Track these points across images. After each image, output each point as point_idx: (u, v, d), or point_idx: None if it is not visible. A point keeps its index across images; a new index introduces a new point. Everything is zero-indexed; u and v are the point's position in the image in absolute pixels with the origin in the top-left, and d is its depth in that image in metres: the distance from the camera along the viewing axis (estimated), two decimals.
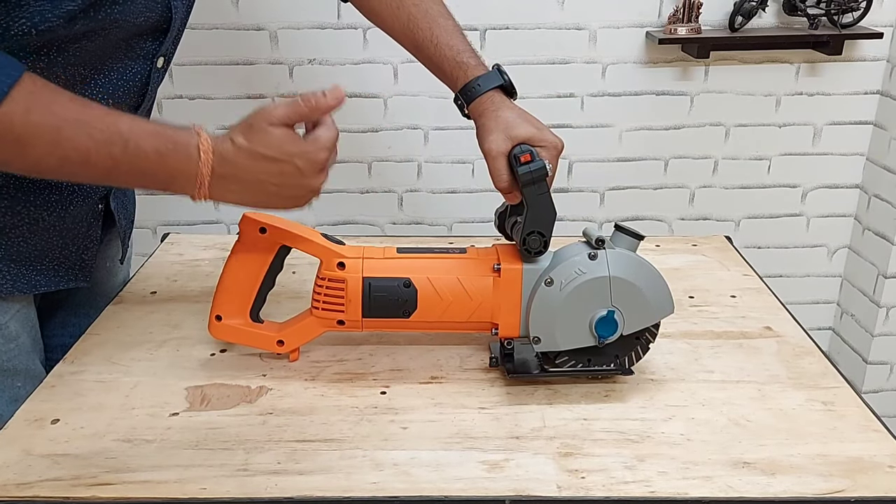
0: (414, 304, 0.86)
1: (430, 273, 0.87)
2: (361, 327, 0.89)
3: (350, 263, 0.87)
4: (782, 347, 0.99)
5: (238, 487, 0.74)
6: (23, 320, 0.98)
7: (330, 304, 0.88)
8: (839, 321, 2.05)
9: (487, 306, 0.87)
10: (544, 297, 0.84)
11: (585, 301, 0.83)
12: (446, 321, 0.88)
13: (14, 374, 0.98)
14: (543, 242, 0.84)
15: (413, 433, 0.82)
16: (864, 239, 1.92)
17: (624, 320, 0.84)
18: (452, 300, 0.86)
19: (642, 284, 0.84)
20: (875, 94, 1.83)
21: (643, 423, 0.84)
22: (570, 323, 0.84)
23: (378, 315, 0.87)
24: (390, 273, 0.87)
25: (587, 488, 0.74)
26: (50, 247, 0.96)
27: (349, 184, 1.86)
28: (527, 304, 0.85)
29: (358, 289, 0.86)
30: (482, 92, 0.91)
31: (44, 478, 0.75)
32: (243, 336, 0.92)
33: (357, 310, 0.87)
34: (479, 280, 0.86)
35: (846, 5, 1.70)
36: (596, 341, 0.84)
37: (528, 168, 0.82)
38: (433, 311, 0.87)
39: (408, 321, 0.88)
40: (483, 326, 0.89)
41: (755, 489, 0.74)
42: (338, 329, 0.90)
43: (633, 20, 1.74)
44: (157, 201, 1.83)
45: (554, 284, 0.83)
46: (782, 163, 1.89)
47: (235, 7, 1.70)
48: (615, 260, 0.83)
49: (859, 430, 0.83)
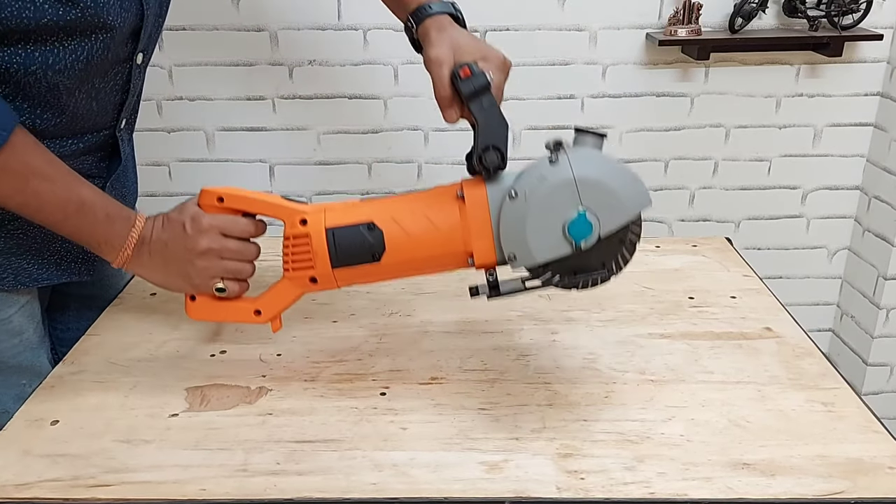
0: (381, 245, 0.83)
1: (394, 212, 0.84)
2: (335, 282, 0.86)
3: (312, 218, 0.85)
4: (782, 348, 0.99)
5: (237, 488, 0.74)
6: (28, 315, 0.98)
7: (299, 263, 0.85)
8: (839, 323, 2.05)
9: (458, 236, 0.82)
10: (510, 212, 0.78)
11: (553, 208, 0.77)
12: (420, 259, 0.84)
13: (19, 372, 0.99)
14: (501, 157, 0.79)
15: (413, 434, 0.82)
16: (865, 240, 1.92)
17: (598, 221, 0.76)
18: (420, 235, 0.83)
19: (610, 180, 0.77)
20: (875, 95, 1.83)
21: (643, 423, 0.84)
22: (541, 233, 0.77)
23: (347, 263, 0.84)
24: (353, 220, 0.84)
25: (587, 489, 0.74)
26: (50, 239, 0.97)
27: (349, 185, 1.86)
28: (497, 226, 0.80)
29: (322, 240, 0.84)
30: (433, 13, 0.90)
31: (43, 478, 0.75)
32: (220, 311, 0.90)
33: (325, 262, 0.84)
34: (444, 210, 0.82)
35: (846, 7, 1.70)
36: (573, 247, 0.77)
37: (469, 82, 0.81)
38: (403, 251, 0.84)
39: (380, 266, 0.84)
40: (459, 260, 0.84)
41: (755, 490, 0.74)
42: (313, 289, 0.87)
43: (633, 21, 1.74)
44: (157, 202, 1.83)
45: (518, 196, 0.77)
46: (782, 164, 1.89)
47: (235, 8, 1.71)
48: (577, 160, 0.77)
49: (859, 431, 0.83)
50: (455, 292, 1.12)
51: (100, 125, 0.98)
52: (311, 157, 1.84)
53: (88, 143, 0.98)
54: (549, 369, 0.94)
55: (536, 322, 1.05)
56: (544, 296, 1.11)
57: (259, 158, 1.84)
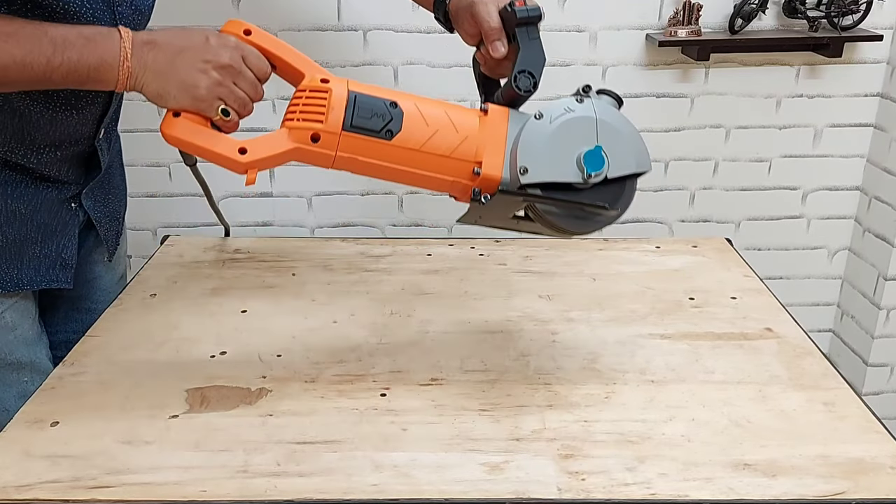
0: (399, 124, 0.83)
1: (418, 101, 0.84)
2: (336, 148, 0.82)
3: (335, 80, 0.84)
4: (783, 348, 0.98)
5: (238, 489, 0.74)
6: (21, 311, 0.99)
7: (308, 114, 0.82)
8: (839, 323, 2.05)
9: (473, 141, 0.84)
10: (533, 129, 0.83)
11: (573, 137, 0.83)
12: (429, 153, 0.83)
13: (19, 368, 0.99)
14: (533, 83, 0.85)
15: (413, 435, 0.82)
16: (865, 241, 1.92)
17: (608, 161, 0.83)
18: (438, 127, 0.83)
19: (624, 132, 0.85)
20: (875, 96, 1.83)
21: (643, 424, 0.84)
22: (558, 154, 0.82)
23: (359, 129, 0.82)
24: (378, 94, 0.84)
25: (588, 490, 0.74)
26: (28, 241, 0.97)
27: (349, 185, 1.86)
28: (512, 146, 0.84)
29: (343, 98, 0.82)
30: None
31: (43, 479, 0.75)
32: (202, 136, 0.82)
33: (338, 121, 0.81)
34: (466, 116, 0.85)
35: (846, 8, 1.70)
36: (583, 176, 0.82)
37: (525, 10, 0.86)
38: (417, 137, 0.83)
39: (389, 147, 0.82)
40: (466, 167, 0.84)
41: (756, 491, 0.74)
42: (310, 148, 0.82)
43: (633, 22, 1.74)
44: (157, 203, 1.83)
45: (544, 118, 0.83)
46: (782, 164, 1.89)
47: (235, 8, 1.70)
48: (600, 106, 0.84)
49: (860, 431, 0.83)
50: (455, 292, 1.12)
51: (79, 136, 0.99)
52: None
53: (67, 153, 0.99)
54: (549, 369, 0.94)
55: (536, 322, 1.05)
56: (544, 296, 1.11)
57: None
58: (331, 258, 1.23)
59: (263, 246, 1.27)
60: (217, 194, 1.32)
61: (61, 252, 1.01)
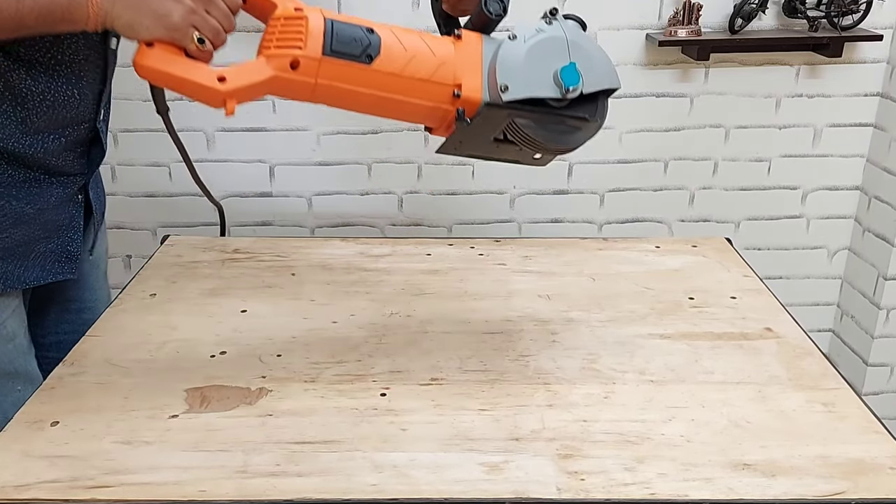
0: (377, 49, 0.82)
1: (394, 29, 0.85)
2: (316, 74, 0.81)
3: (309, 9, 0.82)
4: (782, 348, 0.98)
5: (237, 489, 0.74)
6: (19, 319, 0.99)
7: (285, 42, 0.81)
8: (839, 323, 2.05)
9: (450, 66, 0.85)
10: (509, 49, 0.85)
11: (547, 55, 0.85)
12: (409, 77, 0.83)
13: (14, 377, 0.99)
14: (503, 7, 0.87)
15: (413, 435, 0.82)
16: (865, 240, 1.92)
17: (583, 77, 0.85)
18: (415, 53, 0.84)
19: (594, 52, 0.88)
20: (875, 96, 1.83)
21: (643, 424, 0.84)
22: (535, 71, 0.85)
23: (339, 55, 0.81)
24: (353, 21, 0.84)
25: (587, 490, 0.74)
26: (35, 240, 0.97)
27: (349, 185, 1.86)
28: (489, 68, 0.85)
29: (320, 23, 0.81)
30: None
31: (42, 479, 0.75)
32: (179, 65, 0.79)
33: (317, 46, 0.80)
34: (441, 42, 0.86)
35: (846, 7, 1.70)
36: (561, 91, 0.85)
37: None
38: (397, 61, 0.83)
39: (369, 71, 0.82)
40: (445, 91, 0.85)
41: (756, 491, 0.74)
42: (290, 76, 0.81)
43: (633, 22, 1.74)
44: (157, 203, 1.83)
45: (518, 38, 0.86)
46: (782, 164, 1.89)
47: None
48: (569, 27, 0.87)
49: (860, 431, 0.83)
50: (455, 292, 1.12)
51: (81, 117, 0.99)
52: (311, 157, 1.84)
53: (70, 138, 0.98)
54: (549, 369, 0.94)
55: (536, 322, 1.05)
56: (544, 296, 1.11)
57: (259, 159, 1.84)
58: (330, 258, 1.23)
59: (263, 246, 1.27)
60: (217, 194, 1.32)
61: (67, 246, 1.02)
